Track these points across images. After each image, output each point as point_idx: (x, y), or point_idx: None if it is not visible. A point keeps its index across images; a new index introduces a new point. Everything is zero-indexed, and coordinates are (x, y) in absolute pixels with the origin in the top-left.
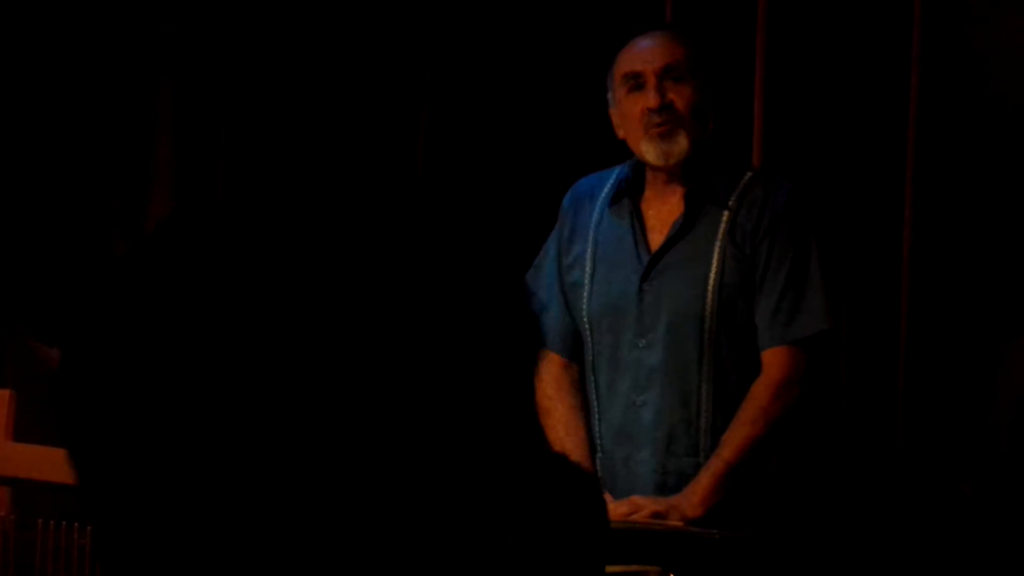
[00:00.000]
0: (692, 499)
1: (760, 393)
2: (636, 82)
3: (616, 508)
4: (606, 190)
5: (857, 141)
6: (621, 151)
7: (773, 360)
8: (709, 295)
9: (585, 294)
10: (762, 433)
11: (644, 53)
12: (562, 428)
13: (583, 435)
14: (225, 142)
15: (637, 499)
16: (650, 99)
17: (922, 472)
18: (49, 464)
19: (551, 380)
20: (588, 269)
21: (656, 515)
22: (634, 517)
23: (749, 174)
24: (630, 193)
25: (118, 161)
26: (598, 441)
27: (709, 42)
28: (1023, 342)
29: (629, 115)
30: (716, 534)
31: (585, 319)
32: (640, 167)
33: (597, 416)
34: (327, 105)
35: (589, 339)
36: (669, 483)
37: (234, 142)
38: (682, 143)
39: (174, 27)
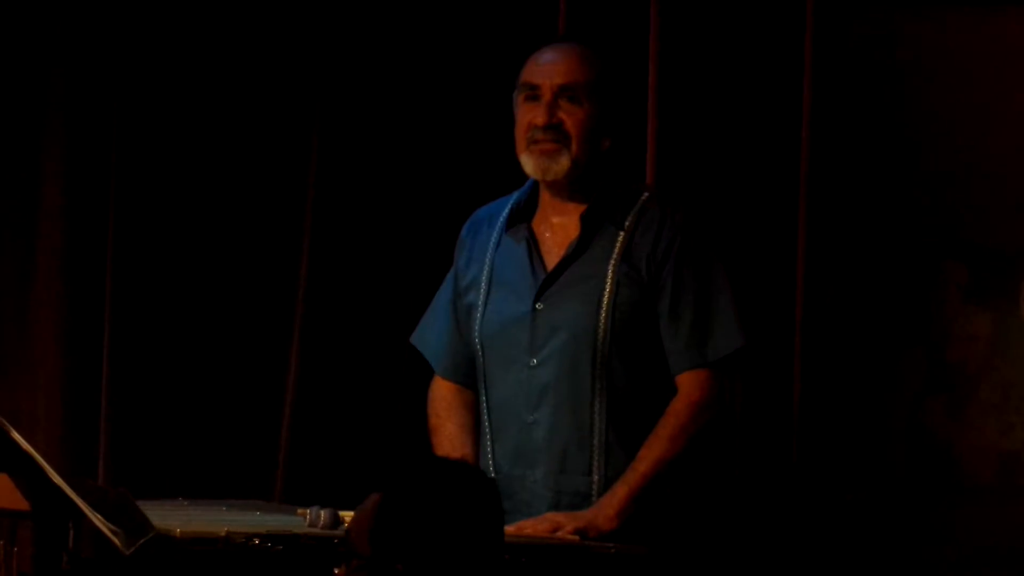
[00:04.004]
0: (608, 511)
1: (681, 411)
2: (532, 93)
3: (536, 526)
4: (504, 215)
5: (750, 157)
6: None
7: (692, 381)
8: (603, 315)
9: (479, 315)
10: (680, 450)
11: (546, 67)
12: (448, 445)
13: (469, 452)
14: (116, 142)
15: (554, 516)
16: (539, 116)
17: (818, 483)
18: None
19: (440, 400)
20: (483, 291)
21: (577, 531)
22: (559, 535)
23: (646, 194)
24: (525, 216)
25: (4, 173)
26: (491, 462)
27: (616, 61)
28: (915, 353)
29: (520, 123)
30: (612, 548)
31: (477, 340)
32: (535, 190)
33: (490, 437)
34: (221, 119)
35: (481, 360)
36: (563, 502)
37: (125, 140)
38: (563, 163)
39: (64, 35)
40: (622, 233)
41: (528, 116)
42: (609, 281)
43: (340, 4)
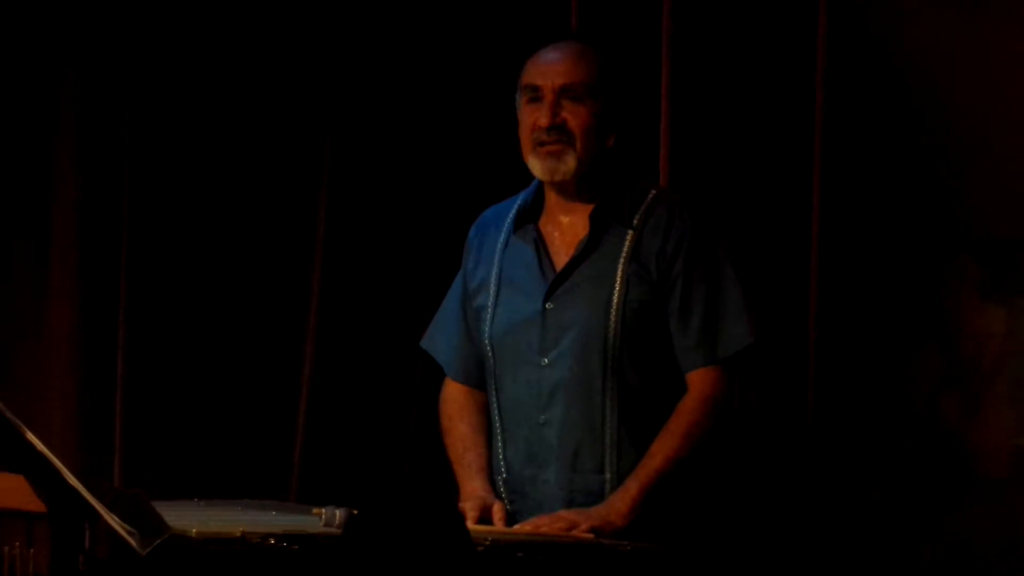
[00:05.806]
0: (621, 508)
1: (693, 408)
2: (535, 95)
3: (552, 524)
4: (511, 216)
5: (764, 151)
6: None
7: (702, 379)
8: (613, 314)
9: (488, 317)
10: (691, 447)
11: (546, 68)
12: (461, 445)
13: (483, 451)
14: (130, 142)
15: (568, 514)
16: (542, 117)
17: (833, 481)
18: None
19: (452, 402)
20: (492, 292)
21: (592, 529)
22: (574, 533)
23: (653, 192)
24: (532, 216)
25: (18, 173)
26: (502, 463)
27: (617, 57)
28: (929, 348)
29: (524, 125)
30: (627, 546)
31: (487, 341)
32: (541, 190)
33: (501, 438)
34: (235, 118)
35: (492, 361)
36: (576, 500)
37: (139, 139)
38: (569, 163)
39: (77, 34)
40: (631, 232)
41: (532, 117)
42: (619, 280)
43: (352, 7)
